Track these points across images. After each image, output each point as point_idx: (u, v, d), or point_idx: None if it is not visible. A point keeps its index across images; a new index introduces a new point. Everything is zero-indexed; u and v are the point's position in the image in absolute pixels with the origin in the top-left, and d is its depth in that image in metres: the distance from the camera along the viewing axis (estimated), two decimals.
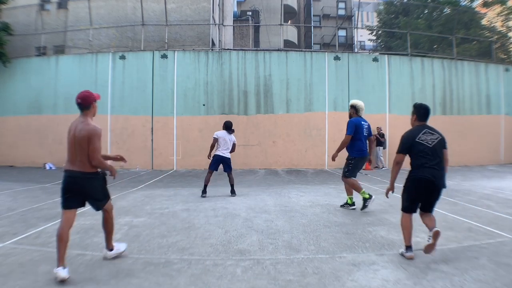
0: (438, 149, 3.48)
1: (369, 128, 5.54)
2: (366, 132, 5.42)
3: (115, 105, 12.67)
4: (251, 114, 12.72)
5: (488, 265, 3.09)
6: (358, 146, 5.36)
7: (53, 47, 15.34)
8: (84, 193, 3.05)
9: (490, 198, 6.45)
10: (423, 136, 3.49)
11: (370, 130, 5.55)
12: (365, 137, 5.41)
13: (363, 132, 5.36)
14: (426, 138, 3.48)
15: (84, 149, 2.94)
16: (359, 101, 5.66)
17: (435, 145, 3.46)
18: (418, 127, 3.58)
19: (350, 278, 2.84)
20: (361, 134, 5.33)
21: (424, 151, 3.42)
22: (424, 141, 3.46)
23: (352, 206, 5.56)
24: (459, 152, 13.49)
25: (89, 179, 3.00)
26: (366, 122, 5.51)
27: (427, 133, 3.51)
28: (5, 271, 2.99)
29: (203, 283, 2.77)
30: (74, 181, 2.98)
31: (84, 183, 2.99)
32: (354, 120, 5.42)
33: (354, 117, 5.48)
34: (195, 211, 5.45)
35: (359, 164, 5.48)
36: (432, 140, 3.49)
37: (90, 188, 3.04)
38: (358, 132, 5.32)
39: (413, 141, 3.48)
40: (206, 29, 14.90)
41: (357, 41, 18.12)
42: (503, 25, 18.48)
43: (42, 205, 5.89)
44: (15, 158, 12.83)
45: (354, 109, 5.51)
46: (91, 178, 3.02)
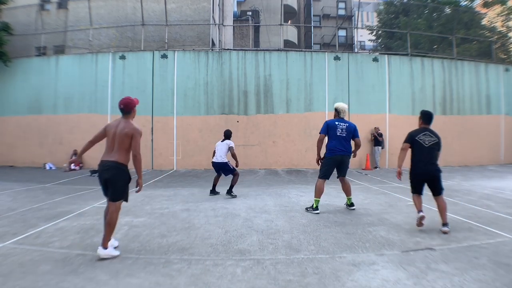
0: (432, 149, 4.39)
1: (350, 129, 5.45)
2: (341, 132, 5.40)
3: (115, 105, 12.59)
4: (251, 114, 12.72)
5: (488, 265, 3.09)
6: (329, 145, 5.45)
7: (53, 47, 15.34)
8: (109, 181, 3.41)
9: (490, 198, 6.45)
10: (423, 136, 4.43)
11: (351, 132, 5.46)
12: (339, 137, 5.40)
13: (336, 132, 5.39)
14: (424, 139, 4.42)
15: (125, 144, 3.45)
16: (341, 103, 5.72)
17: (431, 145, 4.38)
18: (421, 128, 4.54)
19: (350, 278, 2.84)
20: (333, 134, 5.40)
21: (420, 148, 4.38)
22: (422, 141, 4.41)
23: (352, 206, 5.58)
24: (459, 152, 13.51)
25: (119, 168, 3.42)
26: (346, 123, 5.48)
27: (426, 135, 4.44)
28: (5, 271, 2.99)
29: (203, 283, 2.77)
30: (106, 169, 3.42)
31: (114, 171, 3.41)
32: (328, 120, 5.58)
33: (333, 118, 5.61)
34: (195, 211, 5.46)
35: (330, 164, 5.45)
36: (430, 141, 4.41)
37: (116, 178, 3.43)
38: (330, 132, 5.43)
39: (413, 139, 4.45)
40: (206, 29, 14.90)
41: (357, 41, 18.11)
42: (503, 25, 18.48)
43: (42, 205, 5.89)
44: (15, 158, 12.83)
45: (336, 112, 5.63)
46: (121, 168, 3.44)
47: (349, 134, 5.45)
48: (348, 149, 5.46)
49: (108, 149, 3.49)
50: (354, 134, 5.50)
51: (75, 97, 12.79)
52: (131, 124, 3.52)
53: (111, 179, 3.40)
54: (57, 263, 3.21)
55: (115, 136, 3.47)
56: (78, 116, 12.73)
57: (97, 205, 5.92)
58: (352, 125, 5.54)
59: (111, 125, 3.58)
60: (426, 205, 4.92)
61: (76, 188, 7.92)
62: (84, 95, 12.74)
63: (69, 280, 2.82)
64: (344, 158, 5.45)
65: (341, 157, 5.42)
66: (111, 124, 3.60)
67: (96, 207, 5.80)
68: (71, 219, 4.94)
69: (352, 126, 5.52)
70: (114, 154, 3.44)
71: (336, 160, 5.43)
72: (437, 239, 3.91)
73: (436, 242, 3.79)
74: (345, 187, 5.61)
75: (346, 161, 5.51)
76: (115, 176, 3.40)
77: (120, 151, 3.44)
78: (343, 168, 5.54)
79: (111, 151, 3.47)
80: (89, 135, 13.87)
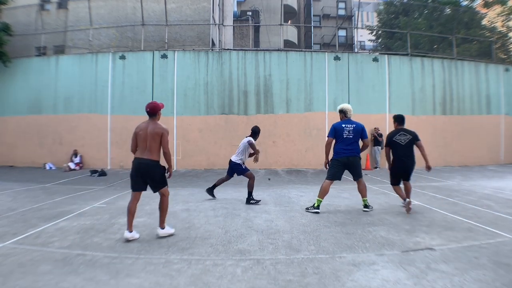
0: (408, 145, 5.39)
1: (357, 130, 5.37)
2: (348, 134, 5.34)
3: (115, 105, 12.67)
4: (251, 114, 12.72)
5: (488, 265, 3.09)
6: (336, 148, 5.43)
7: (53, 47, 15.34)
8: (148, 176, 3.95)
9: (490, 198, 6.45)
10: (399, 136, 5.44)
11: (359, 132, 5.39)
12: (346, 139, 5.34)
13: (343, 135, 5.35)
14: (400, 138, 5.43)
15: (156, 143, 3.94)
16: (345, 104, 5.69)
17: (407, 143, 5.39)
18: (396, 130, 5.57)
19: (350, 278, 2.84)
20: (340, 136, 5.37)
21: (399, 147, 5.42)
22: (399, 141, 5.42)
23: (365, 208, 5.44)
24: (459, 152, 13.51)
25: (154, 165, 3.94)
26: (353, 124, 5.42)
27: (401, 135, 5.44)
28: (5, 271, 2.99)
29: (203, 283, 2.77)
30: (143, 166, 3.94)
31: (150, 168, 3.93)
32: (335, 124, 5.53)
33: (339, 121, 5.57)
34: (195, 211, 5.46)
35: (337, 166, 5.40)
36: (405, 139, 5.40)
37: (154, 173, 3.96)
38: (337, 134, 5.40)
39: (391, 140, 5.47)
40: (206, 29, 14.90)
41: (357, 41, 18.09)
42: (503, 25, 18.47)
43: (42, 205, 5.89)
44: (15, 158, 12.83)
45: (342, 113, 5.58)
46: (155, 165, 3.95)
47: (356, 135, 5.37)
48: (355, 150, 5.37)
49: (142, 148, 3.97)
50: (363, 135, 5.42)
51: (75, 97, 12.79)
52: (159, 125, 4.00)
53: (150, 175, 3.94)
54: (57, 263, 3.21)
55: (146, 136, 3.95)
56: (78, 116, 12.73)
57: (97, 205, 5.92)
58: (359, 125, 5.43)
59: (141, 127, 4.04)
60: None
61: (76, 188, 7.92)
62: (84, 95, 12.74)
63: (69, 280, 2.82)
64: (351, 160, 5.34)
65: (347, 159, 5.33)
66: (140, 126, 4.05)
67: (96, 207, 5.80)
68: (71, 219, 4.94)
69: (359, 126, 5.42)
70: (147, 153, 3.94)
71: (343, 162, 5.36)
72: (437, 239, 3.91)
73: (436, 242, 3.79)
74: (359, 188, 5.50)
75: (355, 162, 5.39)
76: (153, 172, 3.95)
77: (152, 149, 3.94)
78: (354, 170, 5.43)
79: (145, 150, 3.95)
80: (89, 135, 13.82)
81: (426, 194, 6.99)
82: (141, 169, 3.93)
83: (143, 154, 3.95)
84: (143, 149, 3.97)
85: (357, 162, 5.43)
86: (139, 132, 4.00)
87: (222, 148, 12.40)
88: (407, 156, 5.36)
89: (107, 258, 3.34)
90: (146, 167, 3.93)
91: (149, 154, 3.93)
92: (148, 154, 3.93)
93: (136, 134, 4.01)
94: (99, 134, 12.62)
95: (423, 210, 5.46)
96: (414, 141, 5.35)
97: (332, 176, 5.40)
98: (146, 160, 3.92)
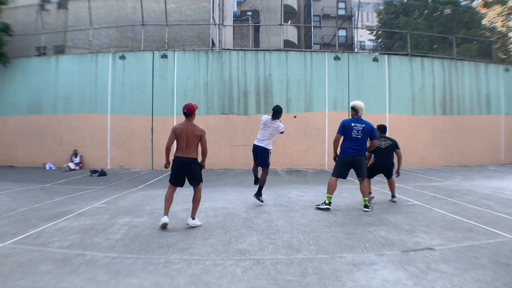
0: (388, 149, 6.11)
1: (366, 130, 5.38)
2: (357, 134, 5.34)
3: (115, 105, 12.66)
4: (251, 114, 12.72)
5: (488, 265, 3.09)
6: (343, 146, 5.48)
7: (53, 47, 15.33)
8: (189, 173, 4.46)
9: (490, 198, 6.44)
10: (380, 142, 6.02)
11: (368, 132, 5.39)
12: (354, 139, 5.35)
13: (352, 134, 5.35)
14: (381, 143, 6.06)
15: (195, 143, 4.44)
16: (358, 101, 5.63)
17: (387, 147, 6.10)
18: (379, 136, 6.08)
19: (350, 278, 2.84)
20: (348, 135, 5.38)
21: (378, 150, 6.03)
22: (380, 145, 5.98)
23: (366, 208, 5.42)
24: (459, 152, 13.51)
25: (193, 163, 4.47)
26: (362, 124, 5.40)
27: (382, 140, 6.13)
28: (5, 271, 2.99)
29: (203, 283, 2.77)
30: (184, 164, 4.43)
31: (190, 166, 4.45)
32: (344, 120, 5.57)
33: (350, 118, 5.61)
34: None
35: (342, 164, 5.45)
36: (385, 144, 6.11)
37: (193, 170, 4.47)
38: (346, 133, 5.41)
39: None
40: (206, 29, 14.89)
41: (357, 41, 18.09)
42: (503, 25, 18.46)
43: (42, 205, 5.89)
44: (15, 158, 12.83)
45: (354, 110, 5.55)
46: (194, 163, 4.48)
47: (365, 135, 5.39)
48: (361, 149, 5.41)
49: (181, 147, 4.44)
50: (372, 135, 5.45)
51: (75, 97, 12.79)
52: (198, 127, 4.50)
53: (191, 172, 4.45)
54: (57, 263, 3.21)
55: (187, 137, 4.40)
56: (78, 116, 12.73)
57: (97, 205, 5.92)
58: (369, 125, 5.42)
59: (180, 128, 4.47)
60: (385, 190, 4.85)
61: (76, 188, 7.92)
62: (84, 95, 12.73)
63: (69, 280, 2.82)
64: (357, 159, 5.37)
65: (353, 158, 5.36)
66: (179, 127, 4.49)
67: (96, 207, 5.80)
68: (71, 219, 4.94)
69: (369, 126, 5.41)
70: (187, 152, 4.43)
71: (348, 160, 5.39)
72: (437, 239, 3.91)
73: (436, 242, 3.79)
74: (362, 188, 5.52)
75: (361, 161, 5.42)
76: (194, 170, 4.46)
77: (192, 149, 4.43)
78: (359, 169, 5.43)
79: (184, 149, 4.42)
80: (89, 135, 13.80)
81: (426, 194, 6.99)
82: (183, 166, 4.43)
83: (183, 153, 4.41)
84: (182, 148, 4.42)
85: (363, 162, 5.47)
86: (179, 133, 4.44)
87: (222, 148, 12.40)
88: (386, 157, 6.13)
89: (107, 258, 3.34)
90: (187, 165, 4.42)
91: (189, 153, 4.42)
92: (188, 153, 4.42)
93: (176, 134, 4.45)
94: (99, 134, 12.62)
95: (423, 210, 5.45)
96: (394, 148, 6.13)
97: (338, 173, 5.51)
98: (187, 158, 4.41)
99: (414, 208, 5.63)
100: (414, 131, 13.13)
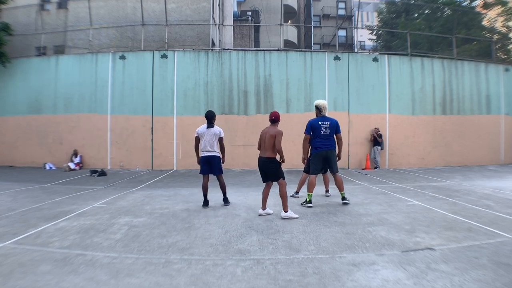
0: None
1: (332, 126, 5.79)
2: (325, 131, 5.75)
3: (115, 105, 12.66)
4: (251, 114, 12.72)
5: (488, 265, 3.09)
6: (314, 143, 5.85)
7: (53, 47, 15.33)
8: (266, 170, 5.11)
9: (490, 198, 6.44)
10: None
11: (334, 128, 5.81)
12: (323, 136, 5.76)
13: (320, 132, 5.75)
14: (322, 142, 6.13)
15: (271, 143, 4.99)
16: (322, 100, 6.12)
17: None
18: None
19: (350, 278, 2.84)
20: (317, 133, 5.77)
21: None
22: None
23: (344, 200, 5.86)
24: (459, 152, 13.51)
25: (271, 162, 5.06)
26: (329, 120, 5.83)
27: None
28: (5, 271, 2.99)
29: (203, 283, 2.77)
30: (260, 163, 5.15)
31: (268, 164, 5.08)
32: (311, 120, 5.93)
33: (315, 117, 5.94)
34: (195, 211, 5.46)
35: (316, 160, 5.83)
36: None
37: (270, 167, 5.08)
38: (314, 132, 5.80)
39: None
40: (206, 29, 14.89)
41: (357, 41, 18.09)
42: (503, 26, 18.46)
43: (42, 205, 5.89)
44: (15, 158, 12.83)
45: (318, 109, 5.97)
46: (272, 161, 5.07)
47: (332, 131, 5.80)
48: (332, 145, 5.83)
49: (262, 148, 5.15)
50: (337, 130, 5.87)
51: (75, 97, 12.79)
52: (276, 128, 5.07)
53: (268, 170, 5.07)
54: (57, 263, 3.21)
55: (266, 137, 5.06)
56: (78, 116, 12.73)
57: (97, 205, 5.92)
58: (334, 121, 5.88)
59: (264, 131, 5.18)
60: None
61: (76, 188, 7.92)
62: (84, 95, 12.73)
63: (69, 280, 2.82)
64: (329, 153, 5.82)
65: (326, 152, 5.79)
66: (264, 130, 5.20)
67: (96, 207, 5.80)
68: (71, 219, 4.94)
69: (334, 122, 5.86)
70: (264, 151, 5.09)
71: (322, 155, 5.79)
72: (437, 239, 3.91)
73: (436, 242, 3.79)
74: (337, 183, 5.91)
75: (332, 156, 5.84)
76: (270, 167, 5.06)
77: (269, 148, 5.02)
78: (332, 163, 5.84)
79: (265, 148, 5.07)
80: (89, 135, 13.77)
81: (426, 194, 6.99)
82: (260, 165, 5.14)
83: (262, 153, 5.11)
84: (263, 148, 5.12)
85: (334, 156, 5.87)
86: (262, 135, 5.17)
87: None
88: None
89: (107, 258, 3.34)
90: (262, 163, 5.10)
91: (265, 152, 5.06)
92: (264, 153, 5.08)
93: (261, 136, 5.20)
94: (99, 134, 12.62)
95: (423, 210, 5.46)
96: None
97: (316, 170, 5.85)
98: (266, 158, 5.04)
99: (414, 208, 5.63)
100: (414, 131, 13.13)
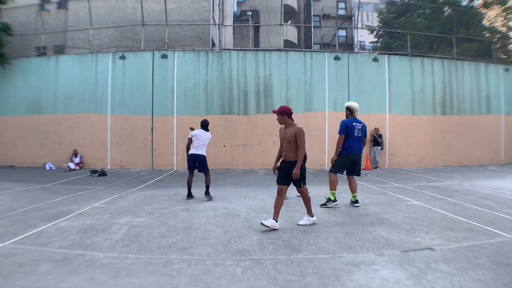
0: None
1: (364, 129, 5.79)
2: (358, 133, 5.71)
3: (115, 105, 12.66)
4: (251, 114, 12.72)
5: (488, 265, 3.09)
6: (346, 144, 5.72)
7: (53, 47, 15.32)
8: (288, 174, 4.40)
9: (490, 198, 6.44)
10: None
11: (364, 132, 5.80)
12: (356, 137, 5.70)
13: (354, 133, 5.67)
14: None
15: (292, 143, 4.36)
16: (354, 102, 6.02)
17: None
18: None
19: (350, 278, 2.84)
20: (351, 134, 5.68)
21: None
22: None
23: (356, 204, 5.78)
24: (459, 152, 13.51)
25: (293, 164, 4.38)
26: (360, 123, 5.78)
27: None
28: (5, 271, 2.99)
29: (203, 283, 2.77)
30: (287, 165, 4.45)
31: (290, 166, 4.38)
32: (345, 121, 5.84)
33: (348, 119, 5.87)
34: (195, 211, 5.46)
35: (345, 161, 5.78)
36: None
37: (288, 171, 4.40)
38: (348, 132, 5.69)
39: None
40: (206, 29, 14.89)
41: (357, 41, 18.09)
42: (503, 25, 18.45)
43: (42, 205, 5.89)
44: (15, 158, 12.83)
45: (349, 111, 5.89)
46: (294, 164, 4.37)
47: (363, 134, 5.79)
48: (362, 148, 5.82)
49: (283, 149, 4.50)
50: (365, 134, 5.86)
51: (75, 97, 12.79)
52: (295, 126, 4.40)
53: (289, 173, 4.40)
54: (57, 263, 3.21)
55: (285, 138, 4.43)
56: (78, 116, 12.73)
57: (97, 205, 5.92)
58: (365, 125, 5.88)
59: (281, 131, 4.55)
60: None
61: (76, 188, 7.92)
62: (84, 95, 12.73)
63: (69, 280, 2.82)
64: (359, 157, 5.81)
65: (357, 156, 5.76)
66: (281, 129, 4.57)
67: (96, 207, 5.80)
68: (71, 219, 4.94)
69: (365, 126, 5.87)
70: (288, 154, 4.44)
71: (352, 158, 5.75)
72: (437, 239, 3.90)
73: (436, 242, 3.79)
74: (353, 185, 5.85)
75: (360, 159, 5.84)
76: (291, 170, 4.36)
77: (291, 150, 4.40)
78: (357, 166, 5.83)
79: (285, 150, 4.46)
80: (89, 135, 13.75)
81: (426, 194, 6.99)
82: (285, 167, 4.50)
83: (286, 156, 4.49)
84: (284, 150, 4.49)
85: (361, 159, 5.89)
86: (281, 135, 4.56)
87: (222, 148, 12.40)
88: None
89: (107, 258, 3.34)
90: (287, 165, 4.46)
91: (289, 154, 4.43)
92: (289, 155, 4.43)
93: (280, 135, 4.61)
94: (99, 134, 12.62)
95: (423, 210, 5.46)
96: None
97: (339, 170, 5.82)
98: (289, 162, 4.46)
99: (414, 208, 5.63)
100: (414, 131, 13.13)
